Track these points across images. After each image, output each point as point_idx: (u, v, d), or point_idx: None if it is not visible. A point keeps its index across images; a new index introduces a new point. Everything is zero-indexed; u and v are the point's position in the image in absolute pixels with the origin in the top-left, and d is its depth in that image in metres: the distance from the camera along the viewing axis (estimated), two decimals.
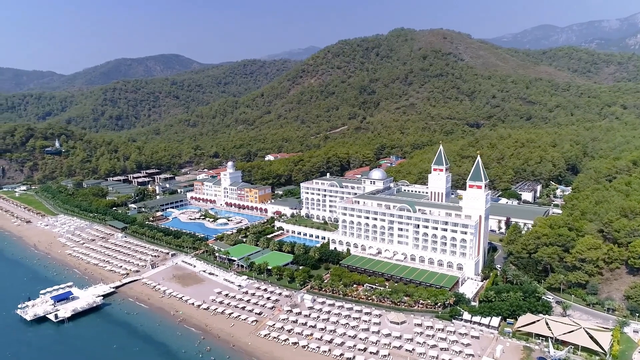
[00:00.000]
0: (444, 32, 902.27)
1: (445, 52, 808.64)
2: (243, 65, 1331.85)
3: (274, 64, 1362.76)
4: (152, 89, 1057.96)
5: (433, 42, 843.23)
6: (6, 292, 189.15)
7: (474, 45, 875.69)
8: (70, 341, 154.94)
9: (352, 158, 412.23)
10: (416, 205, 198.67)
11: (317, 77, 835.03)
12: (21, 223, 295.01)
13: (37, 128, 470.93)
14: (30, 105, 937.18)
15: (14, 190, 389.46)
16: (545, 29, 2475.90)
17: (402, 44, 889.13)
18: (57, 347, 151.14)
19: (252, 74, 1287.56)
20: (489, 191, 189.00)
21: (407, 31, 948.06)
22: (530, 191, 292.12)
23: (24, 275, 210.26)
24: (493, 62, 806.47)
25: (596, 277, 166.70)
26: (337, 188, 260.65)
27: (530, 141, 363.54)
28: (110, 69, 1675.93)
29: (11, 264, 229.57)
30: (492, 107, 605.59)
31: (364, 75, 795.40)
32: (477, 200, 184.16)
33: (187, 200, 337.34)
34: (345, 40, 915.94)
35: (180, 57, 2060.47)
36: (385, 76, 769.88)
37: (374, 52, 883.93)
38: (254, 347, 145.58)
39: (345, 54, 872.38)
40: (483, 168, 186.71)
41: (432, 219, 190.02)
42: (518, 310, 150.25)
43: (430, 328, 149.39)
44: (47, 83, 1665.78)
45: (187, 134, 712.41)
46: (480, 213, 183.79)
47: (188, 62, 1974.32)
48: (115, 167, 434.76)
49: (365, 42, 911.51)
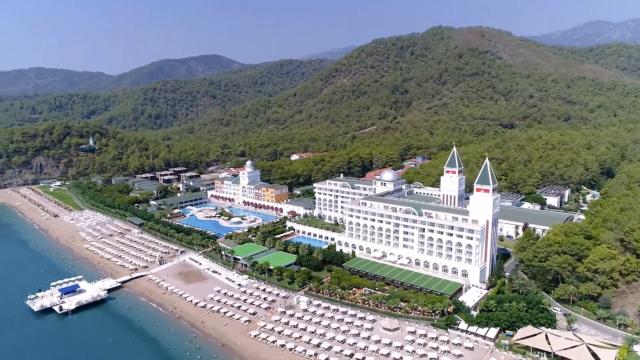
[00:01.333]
0: (482, 29, 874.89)
1: (483, 50, 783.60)
2: (280, 65, 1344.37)
3: (311, 63, 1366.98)
4: (190, 88, 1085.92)
5: (470, 41, 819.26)
6: (22, 283, 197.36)
7: (514, 43, 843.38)
8: (69, 333, 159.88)
9: (375, 158, 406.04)
10: (422, 209, 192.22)
11: (349, 76, 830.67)
12: (49, 217, 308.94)
13: (74, 126, 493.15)
14: (77, 105, 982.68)
15: (49, 185, 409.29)
16: (598, 25, 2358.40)
17: (437, 42, 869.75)
18: (54, 339, 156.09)
19: (288, 73, 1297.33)
20: (497, 195, 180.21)
21: (444, 29, 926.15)
22: (556, 196, 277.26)
23: (41, 267, 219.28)
24: (533, 60, 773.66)
25: (610, 290, 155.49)
26: (348, 189, 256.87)
27: (562, 143, 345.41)
28: (154, 70, 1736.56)
29: (33, 255, 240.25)
30: (528, 107, 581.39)
31: (397, 75, 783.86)
32: (485, 204, 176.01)
33: (207, 199, 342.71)
34: (380, 40, 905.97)
35: (221, 57, 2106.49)
36: (418, 75, 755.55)
37: (409, 51, 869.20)
38: (241, 348, 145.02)
39: (379, 53, 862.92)
40: (491, 171, 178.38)
41: (438, 223, 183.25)
42: (518, 321, 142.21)
43: (423, 336, 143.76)
44: (96, 83, 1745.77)
45: (220, 133, 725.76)
46: (488, 218, 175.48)
47: (228, 62, 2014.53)
48: (144, 164, 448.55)
49: (400, 41, 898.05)
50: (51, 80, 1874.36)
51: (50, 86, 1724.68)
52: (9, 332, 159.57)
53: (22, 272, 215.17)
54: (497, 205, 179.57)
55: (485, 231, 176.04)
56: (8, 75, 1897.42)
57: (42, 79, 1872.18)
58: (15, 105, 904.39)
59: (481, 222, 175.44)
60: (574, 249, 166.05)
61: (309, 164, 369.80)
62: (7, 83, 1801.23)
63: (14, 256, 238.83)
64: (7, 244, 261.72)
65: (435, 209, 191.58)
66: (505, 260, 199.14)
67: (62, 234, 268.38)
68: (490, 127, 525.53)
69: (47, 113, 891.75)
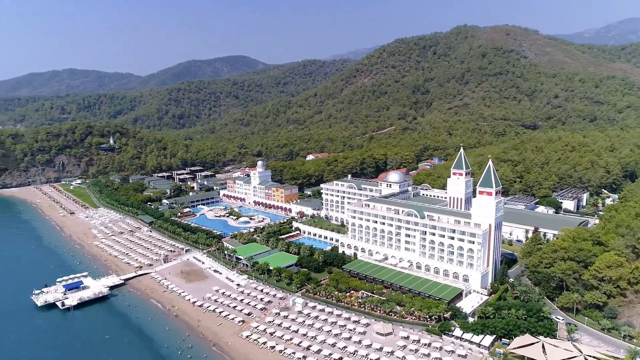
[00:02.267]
0: (508, 28, 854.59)
1: (507, 49, 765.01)
2: (303, 66, 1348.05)
3: (334, 64, 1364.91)
4: (214, 89, 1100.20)
5: (494, 39, 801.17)
6: (30, 278, 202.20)
7: (540, 42, 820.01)
8: (68, 329, 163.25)
9: (390, 159, 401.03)
10: (425, 211, 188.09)
11: (370, 76, 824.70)
12: (66, 214, 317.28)
13: (96, 126, 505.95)
14: (104, 105, 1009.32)
15: (70, 183, 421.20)
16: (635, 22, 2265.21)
17: (461, 41, 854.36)
18: (54, 334, 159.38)
19: (311, 74, 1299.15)
20: (501, 198, 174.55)
21: (469, 28, 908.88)
22: (573, 199, 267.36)
23: (51, 263, 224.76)
24: (560, 59, 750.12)
25: (617, 299, 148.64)
26: (355, 190, 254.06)
27: (583, 145, 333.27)
28: (181, 71, 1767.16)
29: (45, 251, 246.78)
30: (552, 108, 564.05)
31: (419, 75, 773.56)
32: (487, 207, 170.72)
33: (219, 198, 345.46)
34: (402, 39, 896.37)
35: (246, 58, 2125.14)
36: (440, 75, 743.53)
37: (431, 50, 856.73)
38: (232, 348, 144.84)
39: (401, 52, 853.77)
40: (495, 173, 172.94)
41: (440, 226, 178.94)
42: (515, 329, 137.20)
43: (416, 342, 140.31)
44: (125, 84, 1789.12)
45: (239, 133, 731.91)
46: (490, 222, 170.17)
47: (254, 62, 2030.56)
48: (161, 163, 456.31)
49: (422, 41, 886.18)
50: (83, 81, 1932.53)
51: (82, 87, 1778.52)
52: (12, 326, 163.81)
53: (32, 267, 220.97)
54: (500, 208, 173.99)
55: (487, 235, 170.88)
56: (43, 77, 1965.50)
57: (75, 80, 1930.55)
58: (45, 105, 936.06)
59: (484, 225, 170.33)
60: (580, 255, 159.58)
61: (321, 164, 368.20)
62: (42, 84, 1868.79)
63: (27, 252, 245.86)
64: (23, 239, 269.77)
65: (438, 212, 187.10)
66: (511, 266, 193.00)
67: (75, 231, 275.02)
68: (512, 128, 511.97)
69: (75, 113, 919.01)
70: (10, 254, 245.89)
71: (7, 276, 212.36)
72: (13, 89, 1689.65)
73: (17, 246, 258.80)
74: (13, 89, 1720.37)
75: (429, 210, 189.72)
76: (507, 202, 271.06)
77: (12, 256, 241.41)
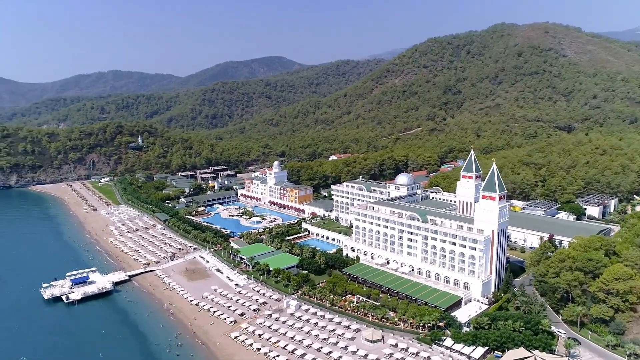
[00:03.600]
0: (547, 25, 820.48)
1: (545, 47, 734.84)
2: (336, 66, 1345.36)
3: (367, 64, 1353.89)
4: (247, 89, 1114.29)
5: (532, 37, 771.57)
6: (44, 272, 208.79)
7: (582, 40, 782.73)
8: (67, 323, 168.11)
9: (411, 161, 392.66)
10: (428, 215, 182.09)
11: (401, 76, 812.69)
12: (89, 210, 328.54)
13: (125, 125, 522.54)
14: (141, 105, 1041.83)
15: (98, 180, 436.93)
16: None
17: (497, 40, 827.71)
18: (54, 327, 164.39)
19: (344, 74, 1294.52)
20: (505, 203, 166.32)
21: (506, 26, 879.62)
22: (598, 205, 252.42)
23: (66, 257, 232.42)
24: (602, 57, 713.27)
25: (626, 314, 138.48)
26: (364, 192, 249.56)
27: (615, 147, 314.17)
28: (218, 72, 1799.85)
29: (64, 246, 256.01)
30: (590, 109, 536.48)
31: (451, 75, 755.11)
32: (490, 213, 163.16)
33: (236, 197, 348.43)
34: (435, 38, 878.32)
35: (283, 59, 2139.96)
36: (473, 75, 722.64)
37: (465, 49, 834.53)
38: (219, 348, 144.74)
39: (434, 52, 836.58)
40: (499, 177, 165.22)
41: (441, 231, 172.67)
42: (509, 342, 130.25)
43: (404, 351, 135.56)
44: (165, 85, 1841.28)
45: (268, 133, 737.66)
46: (493, 227, 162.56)
47: (290, 63, 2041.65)
48: (185, 162, 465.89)
49: (456, 40, 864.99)
50: (126, 82, 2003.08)
51: (125, 87, 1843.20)
52: (17, 317, 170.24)
53: (48, 261, 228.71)
54: (504, 214, 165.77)
55: (490, 242, 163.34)
56: (89, 78, 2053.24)
57: (118, 81, 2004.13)
58: (87, 105, 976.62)
59: (486, 231, 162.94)
60: (589, 266, 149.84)
61: (339, 165, 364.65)
62: (88, 85, 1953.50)
63: (46, 246, 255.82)
64: (44, 234, 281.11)
65: (441, 216, 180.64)
66: (519, 274, 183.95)
67: (94, 227, 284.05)
68: (544, 130, 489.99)
69: (114, 112, 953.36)
70: (30, 247, 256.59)
71: (23, 269, 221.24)
72: (62, 90, 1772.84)
73: (38, 240, 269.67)
74: (62, 89, 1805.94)
75: (433, 214, 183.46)
76: (525, 207, 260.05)
77: (31, 250, 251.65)
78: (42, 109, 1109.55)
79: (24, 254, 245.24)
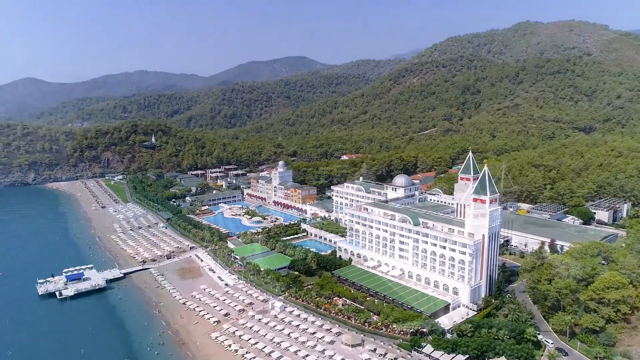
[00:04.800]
0: (572, 23, 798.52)
1: (569, 46, 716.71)
2: (357, 66, 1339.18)
3: (388, 63, 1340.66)
4: (267, 89, 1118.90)
5: (555, 36, 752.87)
6: (43, 268, 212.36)
7: (608, 37, 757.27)
8: (57, 318, 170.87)
9: (420, 162, 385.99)
10: (420, 218, 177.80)
11: (420, 76, 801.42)
12: (98, 207, 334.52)
13: (140, 124, 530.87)
14: (162, 104, 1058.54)
15: (112, 178, 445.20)
16: None
17: (519, 38, 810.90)
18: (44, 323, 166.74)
19: (364, 74, 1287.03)
20: (497, 207, 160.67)
21: (530, 24, 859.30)
22: (608, 210, 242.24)
23: (68, 254, 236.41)
24: (629, 56, 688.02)
25: (618, 325, 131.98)
26: (363, 193, 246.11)
27: (633, 150, 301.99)
28: (241, 72, 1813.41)
29: (67, 242, 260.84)
30: (613, 109, 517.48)
31: (470, 74, 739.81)
32: (481, 216, 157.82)
33: (242, 197, 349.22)
34: (455, 37, 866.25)
35: (305, 58, 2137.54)
36: (493, 74, 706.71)
37: (486, 48, 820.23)
38: (198, 348, 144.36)
39: (453, 51, 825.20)
40: (490, 179, 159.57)
41: (432, 234, 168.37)
42: (489, 351, 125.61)
43: (382, 356, 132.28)
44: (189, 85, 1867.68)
45: (283, 133, 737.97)
46: (484, 232, 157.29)
47: (312, 63, 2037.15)
48: (197, 161, 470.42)
49: (476, 38, 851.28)
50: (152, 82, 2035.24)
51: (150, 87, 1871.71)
52: (10, 313, 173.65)
53: (49, 257, 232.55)
54: (496, 218, 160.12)
55: (480, 246, 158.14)
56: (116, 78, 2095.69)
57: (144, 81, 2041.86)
58: (110, 104, 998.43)
59: (477, 235, 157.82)
60: (582, 273, 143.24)
61: (346, 165, 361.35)
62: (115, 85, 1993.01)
63: (50, 243, 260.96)
64: (52, 230, 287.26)
65: (433, 219, 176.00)
66: (514, 281, 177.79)
67: (100, 224, 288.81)
68: (562, 131, 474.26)
69: (136, 112, 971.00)
70: (35, 243, 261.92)
71: (23, 265, 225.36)
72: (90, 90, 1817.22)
73: (44, 236, 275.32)
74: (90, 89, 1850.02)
75: (425, 216, 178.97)
76: (531, 210, 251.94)
77: (35, 245, 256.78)
78: (69, 109, 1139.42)
79: (28, 249, 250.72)
